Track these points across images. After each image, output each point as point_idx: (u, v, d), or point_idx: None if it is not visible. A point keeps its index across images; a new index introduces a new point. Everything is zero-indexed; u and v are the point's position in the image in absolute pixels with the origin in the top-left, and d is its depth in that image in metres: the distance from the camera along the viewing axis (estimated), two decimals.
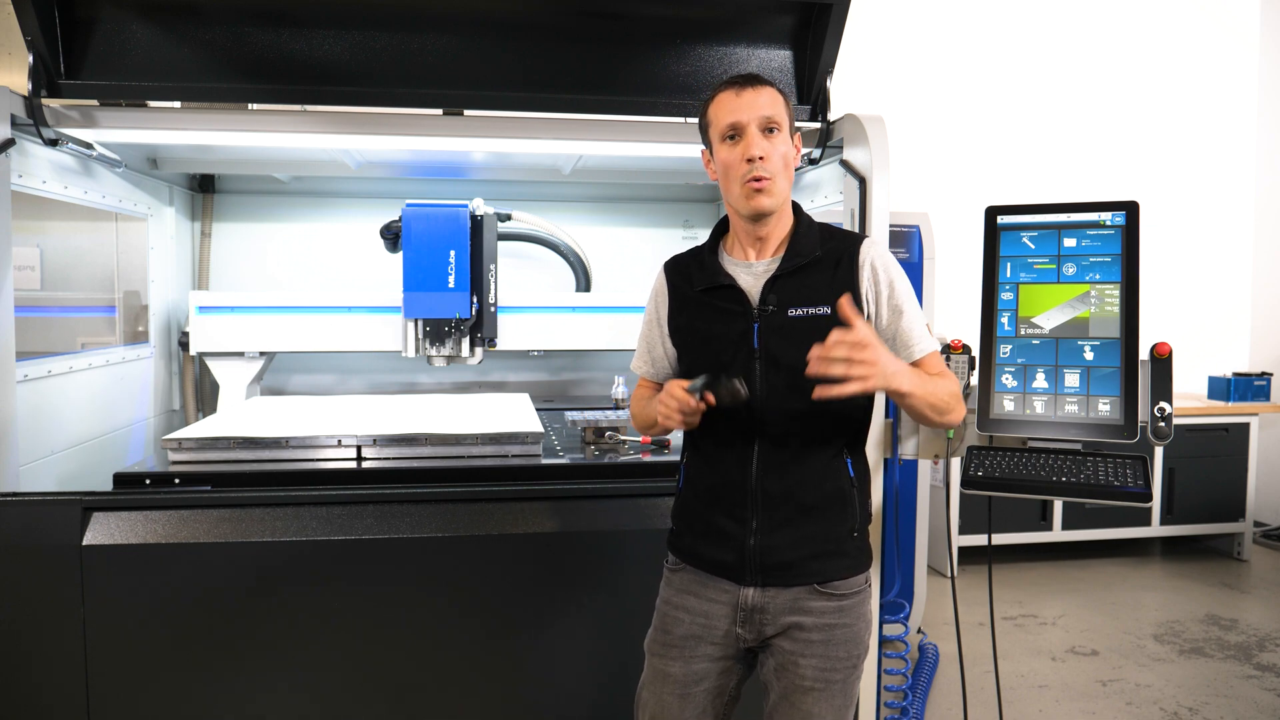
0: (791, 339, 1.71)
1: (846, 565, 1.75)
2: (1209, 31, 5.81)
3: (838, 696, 1.72)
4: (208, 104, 2.73)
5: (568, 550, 2.43)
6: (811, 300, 1.73)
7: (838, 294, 1.68)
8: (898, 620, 2.74)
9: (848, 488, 1.75)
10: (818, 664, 1.71)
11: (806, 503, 1.73)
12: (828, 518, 1.74)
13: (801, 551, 1.72)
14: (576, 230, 3.91)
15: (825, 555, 1.73)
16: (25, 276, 2.82)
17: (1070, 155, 5.61)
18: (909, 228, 3.78)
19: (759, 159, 1.70)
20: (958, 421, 1.76)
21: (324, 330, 3.49)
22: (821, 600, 1.72)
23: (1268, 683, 3.56)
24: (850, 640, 1.74)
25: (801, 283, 1.75)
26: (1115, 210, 2.21)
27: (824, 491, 1.74)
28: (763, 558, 1.73)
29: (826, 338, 1.57)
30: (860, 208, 2.51)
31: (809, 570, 1.72)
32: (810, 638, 1.71)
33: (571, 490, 2.48)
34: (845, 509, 1.75)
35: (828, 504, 1.74)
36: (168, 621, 2.29)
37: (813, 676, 1.71)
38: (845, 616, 1.73)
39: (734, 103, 1.73)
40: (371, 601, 2.36)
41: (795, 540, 1.72)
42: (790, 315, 1.73)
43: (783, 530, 1.73)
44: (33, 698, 2.26)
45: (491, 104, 2.69)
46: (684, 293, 1.86)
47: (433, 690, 2.41)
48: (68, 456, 2.79)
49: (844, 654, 1.73)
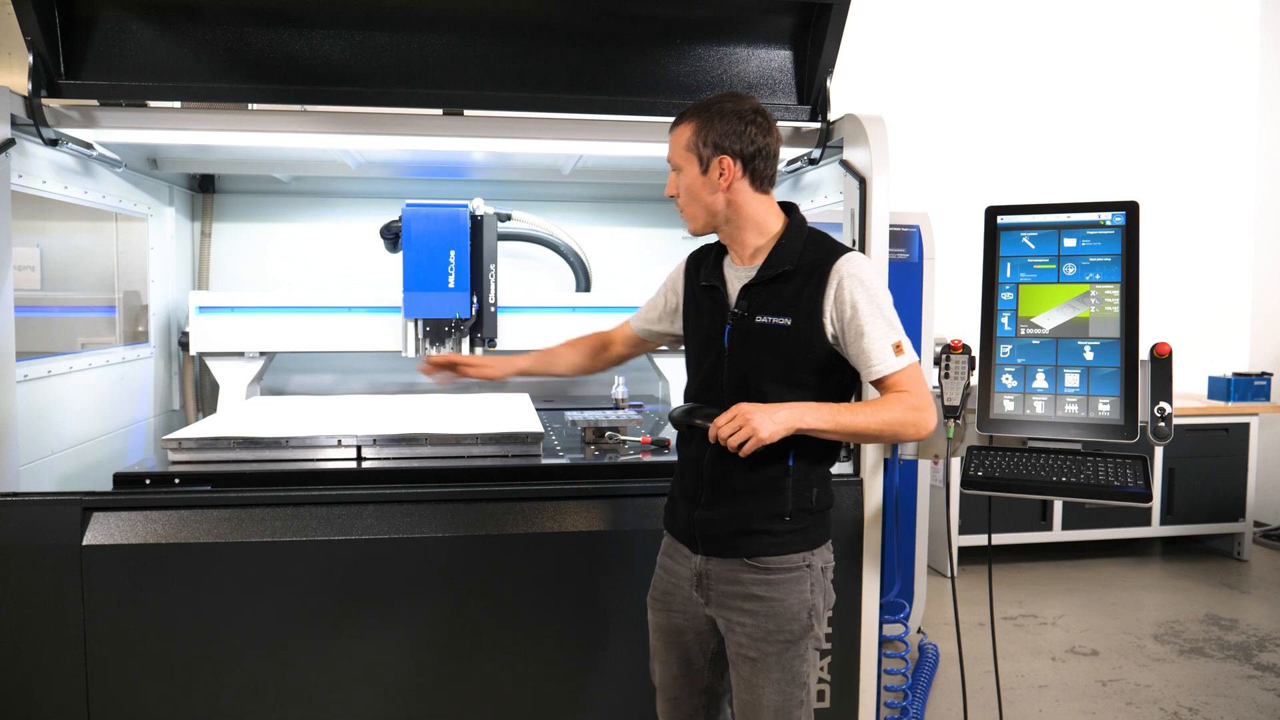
0: (752, 344, 1.86)
1: (774, 544, 1.86)
2: (1209, 31, 5.81)
3: (774, 670, 1.83)
4: (208, 104, 2.72)
5: (568, 550, 2.43)
6: (777, 310, 1.84)
7: (802, 307, 1.82)
8: (898, 620, 2.74)
9: (781, 476, 1.86)
10: (750, 633, 1.84)
11: (742, 486, 1.87)
12: (758, 500, 1.87)
13: (731, 527, 1.87)
14: (576, 230, 3.91)
15: (753, 534, 1.86)
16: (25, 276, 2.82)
17: (1070, 155, 5.61)
18: (909, 228, 3.78)
19: (673, 196, 1.94)
20: (919, 437, 1.83)
21: (324, 330, 3.49)
22: (751, 573, 1.86)
23: (1268, 683, 3.56)
24: (781, 614, 1.84)
25: (773, 292, 1.86)
26: (1115, 210, 2.21)
27: (759, 477, 1.86)
28: (703, 529, 1.90)
29: (782, 349, 1.82)
30: (860, 208, 2.51)
31: (738, 545, 1.87)
32: (743, 606, 1.86)
33: (571, 490, 2.48)
34: (776, 495, 1.86)
35: (761, 488, 1.86)
36: (168, 621, 2.29)
37: (747, 644, 1.85)
38: (775, 590, 1.84)
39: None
40: (371, 601, 2.36)
41: (728, 517, 1.88)
42: (757, 322, 1.86)
43: (719, 507, 1.89)
44: (33, 698, 2.26)
45: (491, 104, 2.69)
46: (693, 284, 2.03)
47: (433, 690, 2.41)
48: (68, 456, 2.79)
49: (774, 627, 1.83)
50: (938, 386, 2.38)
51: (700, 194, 1.88)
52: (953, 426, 2.38)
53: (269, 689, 2.34)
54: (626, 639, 2.47)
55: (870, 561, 2.52)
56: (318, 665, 2.35)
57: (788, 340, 1.82)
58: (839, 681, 2.54)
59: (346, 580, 2.35)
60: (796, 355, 1.83)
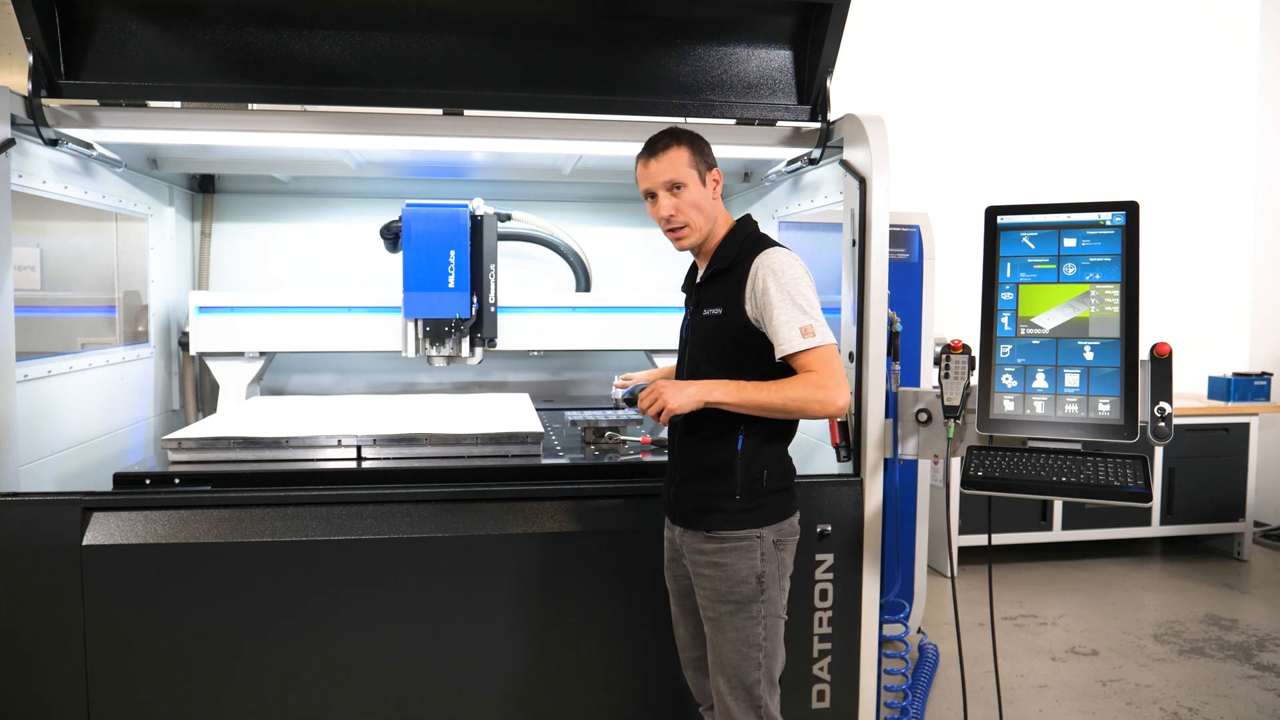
0: (699, 334, 2.14)
1: (725, 519, 2.06)
2: (1209, 31, 5.81)
3: (728, 629, 2.04)
4: (208, 104, 2.72)
5: (568, 550, 2.43)
6: (713, 303, 2.11)
7: (729, 299, 2.07)
8: (898, 620, 2.74)
9: (731, 459, 2.06)
10: (709, 595, 2.07)
11: (700, 466, 2.10)
12: (714, 480, 2.08)
13: (692, 504, 2.11)
14: (576, 230, 3.91)
15: (709, 510, 2.08)
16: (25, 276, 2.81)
17: (1070, 155, 5.61)
18: (909, 228, 3.78)
19: (670, 216, 2.11)
20: (826, 414, 1.99)
21: (324, 330, 3.49)
22: (708, 543, 2.07)
23: (1268, 683, 3.56)
24: (731, 579, 2.04)
25: (714, 288, 2.13)
26: (1115, 210, 2.21)
27: (715, 459, 2.08)
28: (674, 504, 2.16)
29: (714, 336, 2.09)
30: (860, 208, 2.51)
31: (698, 520, 2.10)
32: (703, 572, 2.08)
33: (571, 490, 2.49)
34: (728, 476, 2.07)
35: (716, 469, 2.08)
36: (168, 621, 2.29)
37: (707, 605, 2.08)
38: (727, 557, 2.05)
39: (644, 172, 2.14)
40: (371, 601, 2.36)
41: (691, 494, 2.12)
42: (704, 315, 2.13)
43: (686, 485, 2.13)
44: (33, 698, 2.26)
45: (491, 104, 2.69)
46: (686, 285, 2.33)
47: (433, 689, 2.41)
48: (68, 456, 2.79)
49: (725, 589, 2.04)
50: (937, 386, 2.38)
51: (705, 206, 2.12)
52: (953, 426, 2.38)
53: (269, 689, 2.34)
54: (627, 637, 2.47)
55: (870, 561, 2.52)
56: (317, 665, 2.35)
57: (719, 328, 2.08)
58: (839, 681, 2.54)
59: (346, 580, 2.35)
60: (724, 338, 2.08)
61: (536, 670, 2.45)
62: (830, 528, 2.49)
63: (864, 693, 2.56)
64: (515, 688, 2.45)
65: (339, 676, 2.37)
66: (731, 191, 3.94)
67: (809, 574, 2.49)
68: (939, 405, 2.40)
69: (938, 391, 2.39)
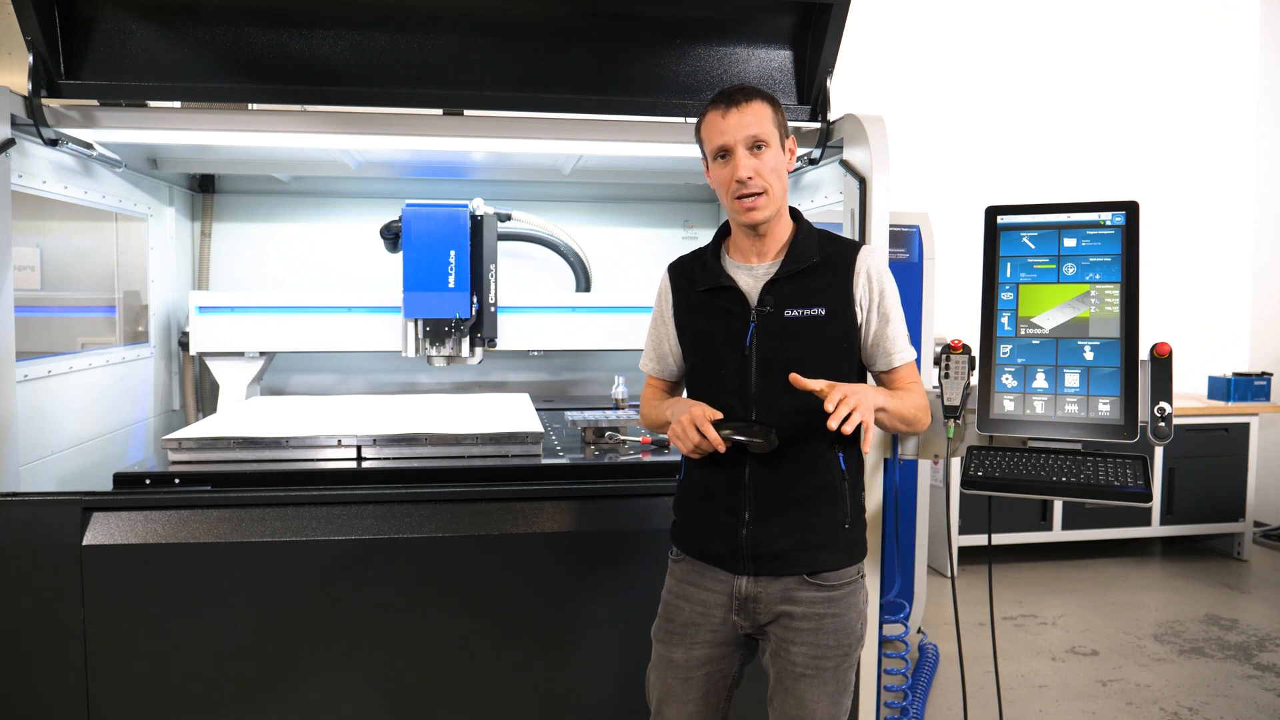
0: (785, 339, 1.79)
1: (836, 556, 1.80)
2: (1209, 31, 5.81)
3: (829, 683, 1.77)
4: (208, 104, 2.72)
5: (568, 550, 2.43)
6: (807, 302, 1.80)
7: (833, 297, 1.80)
8: (898, 620, 2.73)
9: (838, 481, 1.81)
10: (808, 651, 1.76)
11: (796, 495, 1.79)
12: (818, 510, 1.79)
13: (791, 542, 1.78)
14: (576, 230, 3.91)
15: (815, 546, 1.79)
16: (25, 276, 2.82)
17: (1070, 155, 5.60)
18: (909, 228, 3.78)
19: (749, 179, 1.77)
20: (923, 430, 1.87)
21: (324, 330, 3.49)
22: (811, 590, 1.78)
23: (1268, 683, 3.56)
24: (840, 630, 1.78)
25: (798, 286, 1.81)
26: (1115, 210, 2.20)
27: (814, 484, 1.79)
28: (754, 548, 1.79)
29: (820, 339, 1.78)
30: (860, 208, 2.51)
31: (798, 560, 1.78)
32: (800, 626, 1.77)
33: (571, 490, 2.48)
34: (835, 501, 1.80)
35: (818, 496, 1.80)
36: (168, 621, 2.29)
37: (803, 663, 1.77)
38: (835, 607, 1.78)
39: (721, 124, 1.79)
40: (371, 602, 2.36)
41: (785, 531, 1.78)
42: (786, 316, 1.80)
43: (773, 521, 1.78)
44: (33, 698, 2.26)
45: (491, 104, 2.69)
46: (687, 293, 1.92)
47: (433, 690, 2.41)
48: (68, 456, 2.79)
49: (834, 643, 1.77)
50: (938, 386, 2.38)
51: (784, 175, 1.82)
52: (953, 426, 2.38)
53: (269, 689, 2.34)
54: (627, 639, 2.47)
55: (870, 561, 2.52)
56: (318, 665, 2.35)
57: (824, 332, 1.79)
58: None
59: (347, 580, 2.35)
60: (832, 346, 1.80)
61: (536, 670, 2.45)
62: None
63: (864, 693, 2.56)
64: (515, 688, 2.45)
65: (339, 676, 2.37)
66: None
67: None
68: (939, 405, 2.39)
69: (938, 391, 2.39)
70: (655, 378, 2.05)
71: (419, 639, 2.39)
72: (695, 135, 1.89)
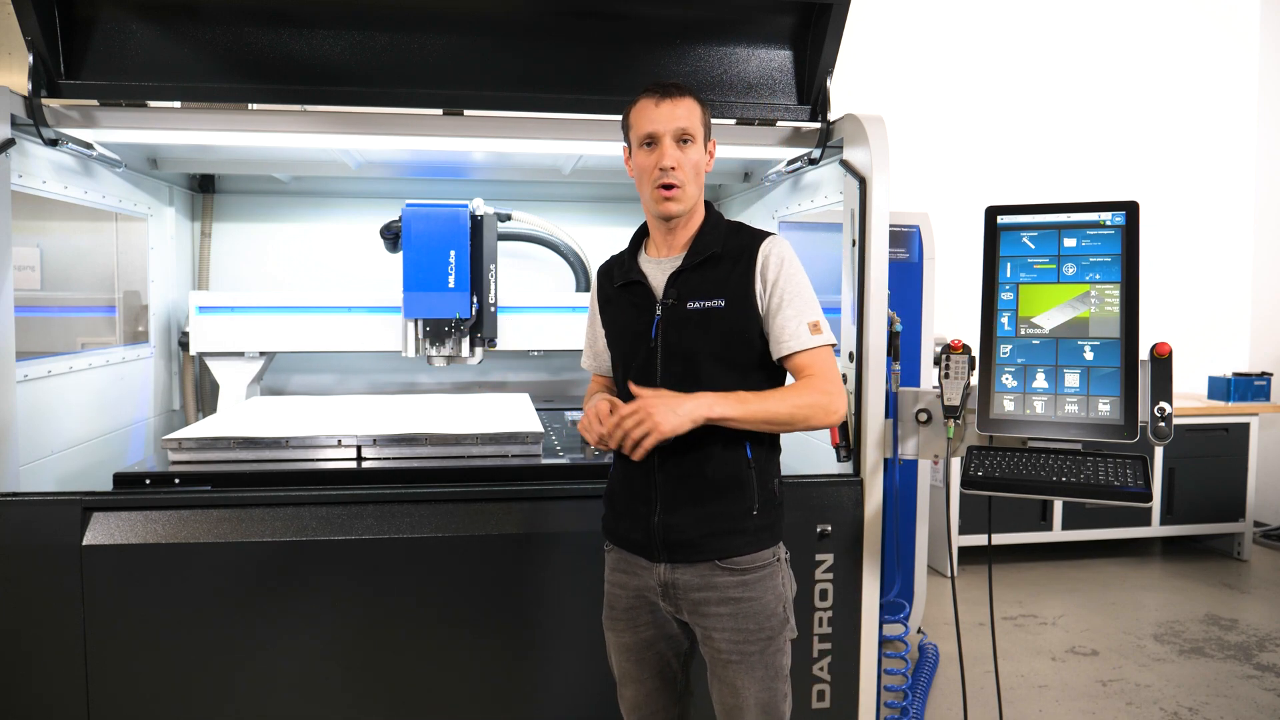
0: (688, 330, 1.84)
1: (745, 542, 1.83)
2: (1209, 31, 5.81)
3: (757, 668, 1.82)
4: (208, 104, 2.72)
5: (568, 550, 2.43)
6: (709, 294, 1.84)
7: (734, 289, 1.83)
8: (898, 620, 2.74)
9: (744, 470, 1.84)
10: (730, 636, 1.81)
11: (703, 484, 1.83)
12: (725, 498, 1.83)
13: (700, 530, 1.82)
14: (576, 230, 3.91)
15: (723, 533, 1.82)
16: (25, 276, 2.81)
17: (1070, 155, 5.61)
18: (909, 228, 3.78)
19: (671, 169, 1.82)
20: (828, 423, 1.81)
21: (324, 330, 3.49)
22: (725, 575, 1.82)
23: (1268, 683, 3.56)
24: (758, 613, 1.82)
25: (703, 277, 1.86)
26: (1115, 210, 2.21)
27: (720, 474, 1.83)
28: (665, 535, 1.84)
29: (719, 330, 1.81)
30: (860, 208, 2.51)
31: (707, 547, 1.82)
32: (719, 611, 1.81)
33: (571, 490, 2.48)
34: (742, 490, 1.83)
35: (725, 485, 1.83)
36: (168, 621, 2.29)
37: (728, 649, 1.81)
38: (750, 590, 1.82)
39: (652, 113, 1.85)
40: (371, 601, 2.36)
41: (694, 519, 1.82)
42: (689, 308, 1.84)
43: (682, 510, 1.83)
44: (33, 698, 2.26)
45: (491, 104, 2.69)
46: (607, 291, 2.01)
47: (432, 690, 2.41)
48: (68, 456, 2.79)
49: (754, 626, 1.81)
50: (938, 386, 2.38)
51: (701, 173, 1.88)
52: (953, 426, 2.38)
53: (269, 688, 2.34)
54: None
55: (870, 561, 2.52)
56: (317, 664, 2.35)
57: (723, 322, 1.82)
58: (839, 681, 2.54)
59: (347, 580, 2.35)
60: (732, 337, 1.83)
61: (537, 670, 2.45)
62: (830, 528, 2.49)
63: (864, 693, 2.56)
64: (516, 687, 2.45)
65: (339, 676, 2.37)
66: (731, 191, 3.94)
67: (809, 574, 2.49)
68: (939, 405, 2.39)
69: (938, 391, 2.39)
70: (596, 374, 2.16)
71: (419, 639, 2.39)
72: (623, 122, 1.94)
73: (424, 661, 2.40)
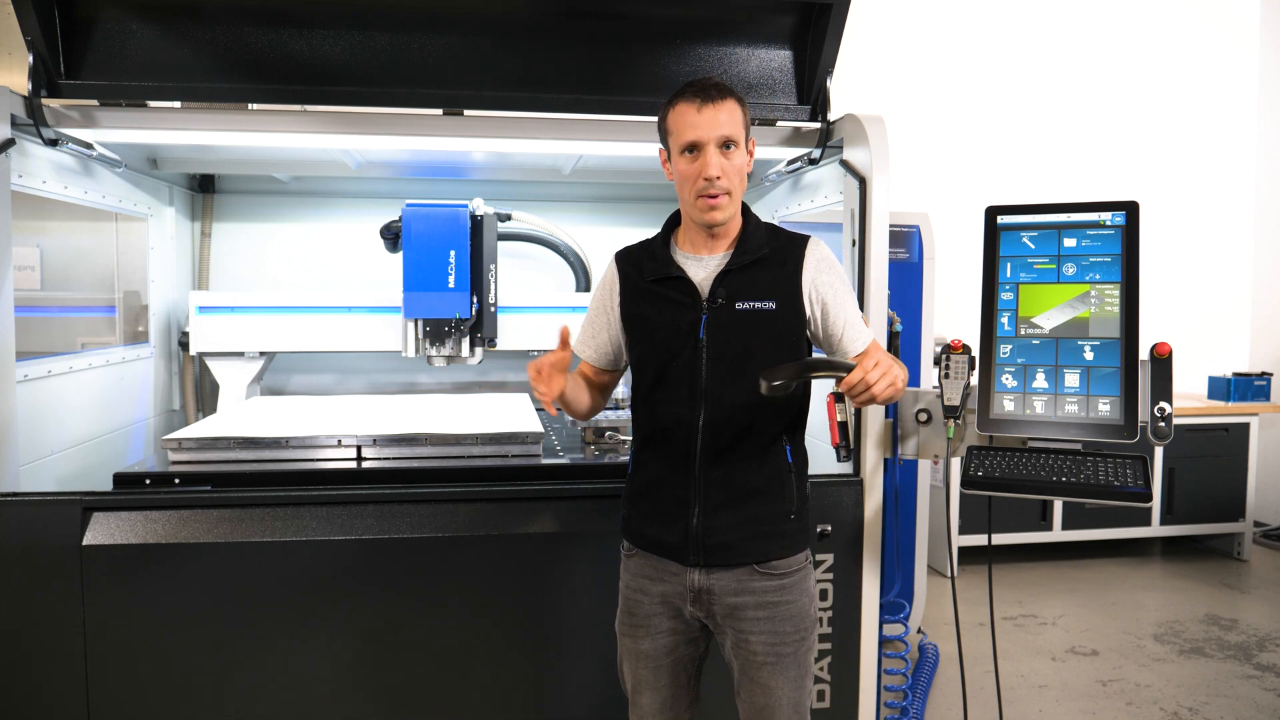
0: (737, 331, 1.82)
1: (784, 545, 1.84)
2: (1209, 31, 5.81)
3: (791, 669, 1.83)
4: (208, 104, 2.72)
5: (568, 550, 2.43)
6: (758, 295, 1.82)
7: (783, 290, 1.83)
8: (898, 620, 2.74)
9: (785, 472, 1.85)
10: (767, 639, 1.81)
11: (746, 487, 1.82)
12: (766, 501, 1.83)
13: (741, 533, 1.81)
14: (576, 230, 3.91)
15: (763, 536, 1.82)
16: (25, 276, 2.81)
17: (1070, 155, 5.61)
18: (909, 228, 3.78)
19: (716, 179, 1.77)
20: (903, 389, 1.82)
21: (324, 330, 3.49)
22: (762, 579, 1.82)
23: (1268, 683, 3.56)
24: (795, 615, 1.84)
25: (750, 279, 1.84)
26: (1115, 210, 2.21)
27: (763, 476, 1.83)
28: (704, 539, 1.81)
29: (768, 332, 1.81)
30: (860, 208, 2.51)
31: (748, 550, 1.81)
32: (757, 615, 1.81)
33: (571, 490, 2.48)
34: (783, 492, 1.84)
35: (766, 488, 1.83)
36: (168, 621, 2.29)
37: (764, 652, 1.81)
38: (787, 594, 1.83)
39: (694, 118, 1.77)
40: (371, 602, 2.36)
41: (735, 522, 1.81)
42: (738, 309, 1.82)
43: (723, 512, 1.81)
44: (33, 698, 2.26)
45: (491, 104, 2.69)
46: (635, 282, 1.93)
47: (433, 690, 2.41)
48: (68, 456, 2.79)
49: (790, 628, 1.83)
50: (938, 386, 2.38)
51: (743, 177, 1.84)
52: (953, 426, 2.38)
53: (269, 689, 2.34)
54: None
55: (870, 561, 2.52)
56: (317, 664, 2.35)
57: (772, 325, 1.82)
58: (839, 681, 2.54)
59: (347, 580, 2.35)
60: (781, 339, 1.84)
61: (537, 670, 2.45)
62: (830, 528, 2.49)
63: (864, 693, 2.56)
64: (516, 687, 2.45)
65: (339, 676, 2.37)
66: None
67: None
68: (939, 405, 2.39)
69: (938, 391, 2.39)
70: (586, 364, 2.08)
71: (419, 639, 2.39)
72: (659, 124, 1.88)
73: (424, 661, 2.40)
